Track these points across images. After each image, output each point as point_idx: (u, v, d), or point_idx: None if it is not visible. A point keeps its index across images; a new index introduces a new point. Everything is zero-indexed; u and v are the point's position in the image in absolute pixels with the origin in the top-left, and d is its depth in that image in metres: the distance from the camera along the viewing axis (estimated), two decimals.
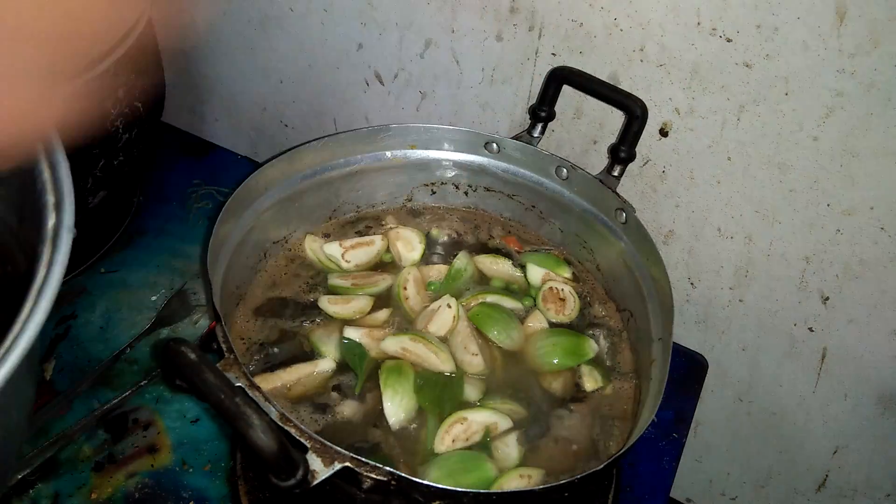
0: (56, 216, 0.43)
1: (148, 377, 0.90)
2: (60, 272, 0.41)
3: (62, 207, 0.44)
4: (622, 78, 0.89)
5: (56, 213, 0.44)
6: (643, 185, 0.97)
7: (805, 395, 1.05)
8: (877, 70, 0.75)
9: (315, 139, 0.87)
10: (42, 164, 0.45)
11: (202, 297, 1.02)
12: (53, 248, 0.42)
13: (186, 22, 1.17)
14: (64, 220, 0.43)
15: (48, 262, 0.41)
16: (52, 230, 0.43)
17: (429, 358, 0.80)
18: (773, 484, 1.18)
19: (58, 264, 0.41)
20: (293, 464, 0.56)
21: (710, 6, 0.79)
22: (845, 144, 0.81)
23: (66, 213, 0.44)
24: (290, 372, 0.79)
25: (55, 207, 0.44)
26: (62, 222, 0.43)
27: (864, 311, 0.93)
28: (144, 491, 0.83)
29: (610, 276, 0.91)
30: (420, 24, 0.97)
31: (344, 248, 0.91)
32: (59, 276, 0.41)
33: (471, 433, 0.75)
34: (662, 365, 0.74)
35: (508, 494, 0.63)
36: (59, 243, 0.42)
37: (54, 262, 0.41)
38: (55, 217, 0.43)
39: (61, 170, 0.45)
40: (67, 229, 0.43)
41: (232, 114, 1.26)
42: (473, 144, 0.93)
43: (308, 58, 1.10)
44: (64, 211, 0.44)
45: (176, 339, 0.54)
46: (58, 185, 0.45)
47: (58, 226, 0.43)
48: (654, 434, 0.93)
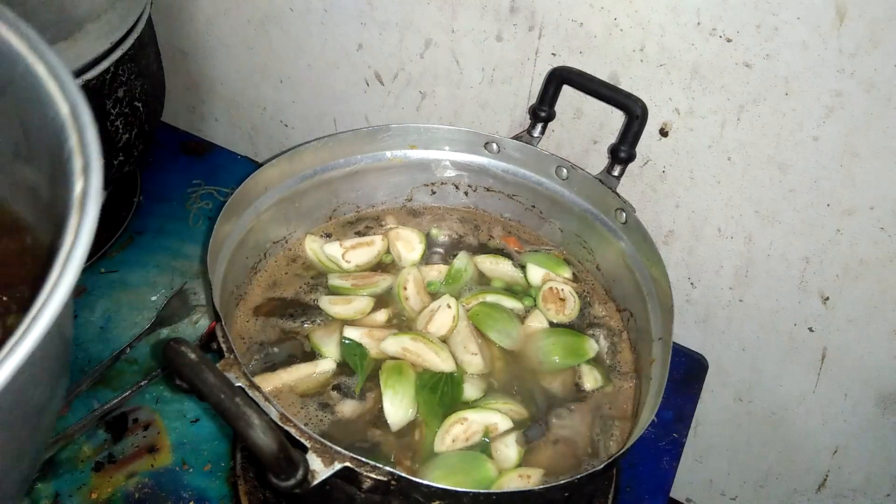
0: (84, 180, 0.41)
1: (148, 377, 0.90)
2: (89, 237, 0.39)
3: (90, 171, 0.42)
4: (622, 78, 0.89)
5: (84, 176, 0.42)
6: (643, 185, 0.97)
7: (805, 395, 1.05)
8: (877, 70, 0.75)
9: (315, 139, 0.87)
10: (69, 129, 0.44)
11: (202, 297, 1.02)
12: (81, 213, 0.40)
13: (186, 21, 1.17)
14: (91, 183, 0.41)
15: (76, 228, 0.39)
16: (80, 194, 0.41)
17: (429, 358, 0.80)
18: (773, 484, 1.18)
19: (86, 229, 0.39)
20: (293, 464, 0.56)
21: (710, 6, 0.79)
22: (845, 144, 0.81)
23: (93, 177, 0.42)
24: (291, 372, 0.79)
25: (83, 171, 0.42)
26: (90, 186, 0.41)
27: (864, 311, 0.93)
28: (144, 491, 0.83)
29: (610, 276, 0.91)
30: (420, 24, 0.97)
31: (344, 248, 0.91)
32: (87, 241, 0.39)
33: (471, 433, 0.75)
34: (662, 365, 0.74)
35: (508, 494, 0.63)
36: (86, 208, 0.40)
37: (82, 227, 0.39)
38: (83, 181, 0.41)
39: (88, 133, 0.43)
40: (95, 193, 0.41)
41: (232, 114, 1.26)
42: (473, 144, 0.93)
43: (308, 58, 1.10)
44: (91, 174, 0.42)
45: (176, 339, 0.55)
46: (85, 149, 0.43)
47: (85, 190, 0.41)
48: (654, 434, 0.93)
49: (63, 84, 0.45)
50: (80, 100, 0.45)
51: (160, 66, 1.10)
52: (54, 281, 0.37)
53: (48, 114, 0.45)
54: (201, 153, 1.24)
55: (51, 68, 0.46)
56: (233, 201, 0.79)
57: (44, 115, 0.45)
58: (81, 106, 0.44)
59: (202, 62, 1.21)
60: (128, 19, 0.92)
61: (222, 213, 0.77)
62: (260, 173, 0.83)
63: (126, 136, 0.96)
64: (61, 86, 0.45)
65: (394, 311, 0.86)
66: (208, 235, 0.78)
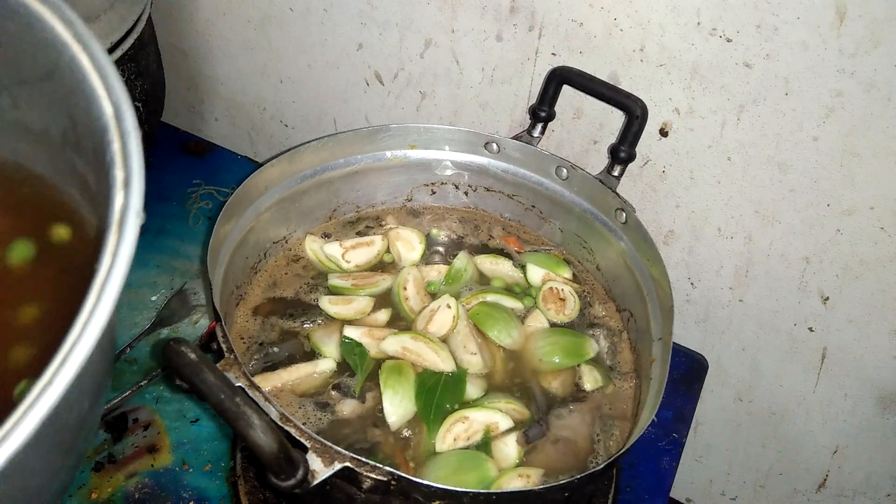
0: (124, 195, 0.39)
1: (148, 377, 0.90)
2: (127, 260, 0.37)
3: (131, 186, 0.40)
4: (622, 78, 0.89)
5: (125, 191, 0.39)
6: (643, 185, 0.97)
7: (805, 395, 1.05)
8: (877, 70, 0.75)
9: (315, 139, 0.87)
10: (112, 132, 0.41)
11: (202, 297, 1.02)
12: (120, 233, 0.38)
13: (186, 21, 1.17)
14: (132, 201, 0.39)
15: (114, 249, 0.37)
16: (120, 212, 0.39)
17: (429, 357, 0.80)
18: (773, 484, 1.18)
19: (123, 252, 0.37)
20: (293, 464, 0.56)
21: (710, 6, 0.79)
22: (845, 144, 0.81)
23: (133, 193, 0.39)
24: (291, 372, 0.79)
25: (124, 185, 0.39)
26: (129, 204, 0.39)
27: (864, 311, 0.93)
28: (144, 491, 0.83)
29: (610, 276, 0.91)
30: (420, 24, 0.97)
31: (344, 248, 0.91)
32: (125, 264, 0.37)
33: (472, 432, 0.75)
34: (662, 365, 0.74)
35: (508, 494, 0.63)
36: (125, 228, 0.38)
37: (119, 249, 0.37)
38: (123, 196, 0.39)
39: (131, 142, 0.41)
40: (135, 212, 0.39)
41: (232, 114, 1.26)
42: (473, 144, 0.93)
43: (308, 58, 1.10)
44: (132, 190, 0.39)
45: (176, 339, 0.54)
46: (127, 159, 0.40)
47: (125, 207, 0.39)
48: (654, 434, 0.93)
49: (108, 82, 0.43)
50: (125, 101, 0.42)
51: (160, 66, 1.10)
52: (92, 304, 0.36)
53: (93, 110, 0.43)
54: (201, 153, 1.24)
55: (96, 62, 0.43)
56: (233, 201, 0.79)
57: (89, 109, 0.43)
58: (125, 108, 0.42)
59: (202, 62, 1.21)
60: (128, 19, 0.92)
61: (222, 213, 0.77)
62: (260, 173, 0.83)
63: None
64: (106, 83, 0.43)
65: (394, 312, 0.86)
66: (208, 235, 0.78)
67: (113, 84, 0.43)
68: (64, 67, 0.44)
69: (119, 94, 0.42)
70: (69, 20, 0.44)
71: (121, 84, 0.43)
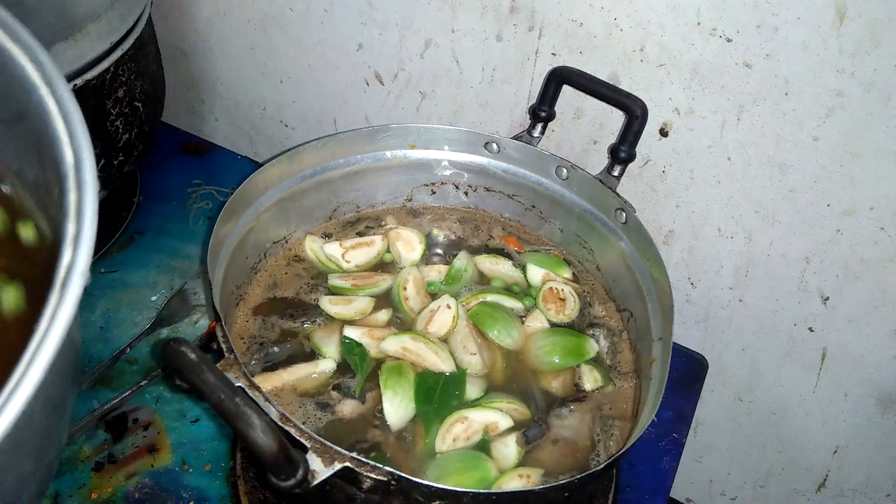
0: (71, 254, 0.37)
1: (148, 377, 0.90)
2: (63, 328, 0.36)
3: (79, 242, 0.38)
4: (622, 78, 0.89)
5: (72, 248, 0.37)
6: (643, 185, 0.97)
7: (805, 395, 1.05)
8: (877, 70, 0.75)
9: (315, 139, 0.87)
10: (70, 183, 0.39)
11: (202, 297, 1.02)
12: (62, 291, 0.36)
13: (186, 21, 1.17)
14: (77, 261, 0.37)
15: (51, 315, 0.36)
16: (64, 271, 0.37)
17: (429, 358, 0.80)
18: (773, 484, 1.18)
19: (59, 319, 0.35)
20: (293, 464, 0.56)
21: (710, 6, 0.79)
22: (845, 144, 0.81)
23: (81, 253, 0.37)
24: (291, 372, 0.79)
25: (73, 241, 0.37)
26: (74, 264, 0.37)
27: (864, 311, 0.93)
28: (144, 491, 0.83)
29: (610, 276, 0.91)
30: (420, 24, 0.97)
31: (344, 248, 0.91)
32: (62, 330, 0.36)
33: (471, 432, 0.75)
34: (662, 365, 0.74)
35: (508, 494, 0.63)
36: (67, 287, 0.36)
37: (58, 309, 0.36)
38: (70, 255, 0.37)
39: (87, 196, 0.39)
40: (80, 273, 0.37)
41: (232, 114, 1.26)
42: (473, 144, 0.93)
43: (308, 58, 1.10)
44: (79, 251, 0.37)
45: (176, 339, 0.54)
46: (80, 215, 0.38)
47: (70, 268, 0.37)
48: (654, 434, 0.93)
49: (71, 127, 0.41)
50: (87, 151, 0.41)
51: (160, 66, 1.10)
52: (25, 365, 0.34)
53: (56, 156, 0.41)
54: (201, 153, 1.24)
55: (62, 106, 0.42)
56: (233, 201, 0.79)
57: (53, 155, 0.41)
58: (86, 158, 0.40)
59: (202, 62, 1.21)
60: (128, 19, 0.92)
61: (222, 213, 0.77)
62: (260, 173, 0.83)
63: (126, 136, 0.96)
64: (69, 129, 0.41)
65: (394, 312, 0.86)
66: (208, 235, 0.78)
67: (76, 130, 0.41)
68: (32, 110, 0.43)
69: (81, 142, 0.41)
70: (39, 62, 0.43)
71: (84, 132, 0.41)
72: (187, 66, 1.23)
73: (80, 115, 0.42)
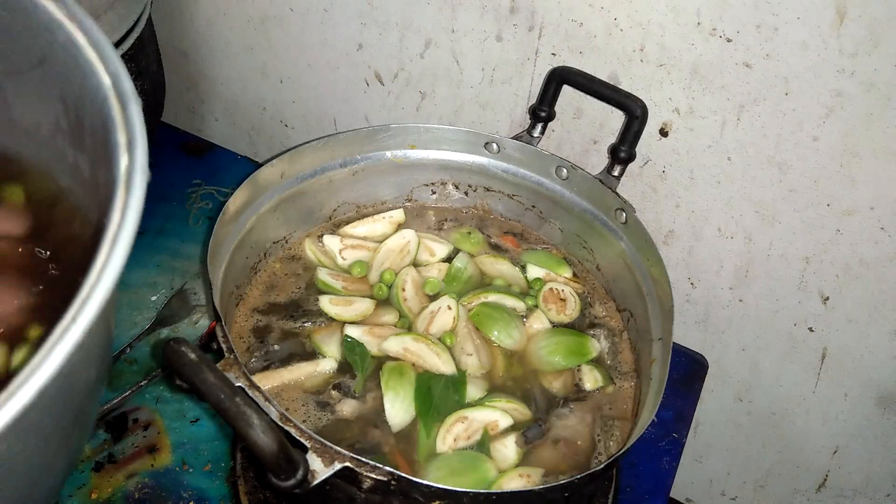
0: (129, 156, 0.40)
1: (148, 377, 0.90)
2: (137, 214, 0.38)
3: (134, 146, 0.40)
4: (622, 78, 0.89)
5: (128, 152, 0.40)
6: (643, 185, 0.97)
7: (805, 395, 1.05)
8: (877, 70, 0.75)
9: (315, 139, 0.87)
10: (112, 101, 0.42)
11: (202, 297, 1.02)
12: (128, 190, 0.39)
13: (186, 21, 1.17)
14: (137, 159, 0.40)
15: (122, 206, 0.38)
16: (126, 171, 0.39)
17: (430, 359, 0.80)
18: (773, 484, 1.18)
19: (133, 207, 0.38)
20: (293, 464, 0.56)
21: (710, 6, 0.79)
22: (845, 144, 0.81)
23: (138, 152, 0.40)
24: (291, 371, 0.79)
25: (127, 147, 0.40)
26: (135, 162, 0.40)
27: (864, 311, 0.93)
28: (144, 491, 0.83)
29: (610, 276, 0.91)
30: (420, 24, 0.97)
31: (343, 244, 0.91)
32: (135, 218, 0.38)
33: (472, 431, 0.75)
34: (662, 365, 0.74)
35: (508, 494, 0.63)
36: (133, 185, 0.39)
37: (128, 205, 0.38)
38: (128, 157, 0.40)
39: (132, 106, 0.42)
40: (142, 169, 0.39)
41: (232, 114, 1.26)
42: (473, 144, 0.93)
43: (308, 58, 1.10)
44: (136, 150, 0.40)
45: (176, 339, 0.55)
46: (129, 123, 0.41)
47: (131, 166, 0.39)
48: (654, 434, 0.93)
49: (104, 54, 0.43)
50: (122, 70, 0.43)
51: (160, 66, 1.10)
52: (104, 260, 0.36)
53: (89, 85, 0.43)
54: (201, 153, 1.24)
55: (91, 38, 0.44)
56: (233, 201, 0.79)
57: (84, 86, 0.43)
58: (123, 77, 0.43)
59: (202, 62, 1.21)
60: (128, 19, 0.92)
61: (222, 213, 0.77)
62: (260, 173, 0.83)
63: None
64: (102, 56, 0.43)
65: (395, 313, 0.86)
66: (208, 235, 0.78)
67: (110, 56, 0.43)
68: (58, 49, 0.45)
69: (116, 65, 0.43)
70: (64, 2, 0.45)
71: (117, 56, 0.43)
72: (187, 66, 1.23)
73: (110, 42, 0.44)
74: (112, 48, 0.44)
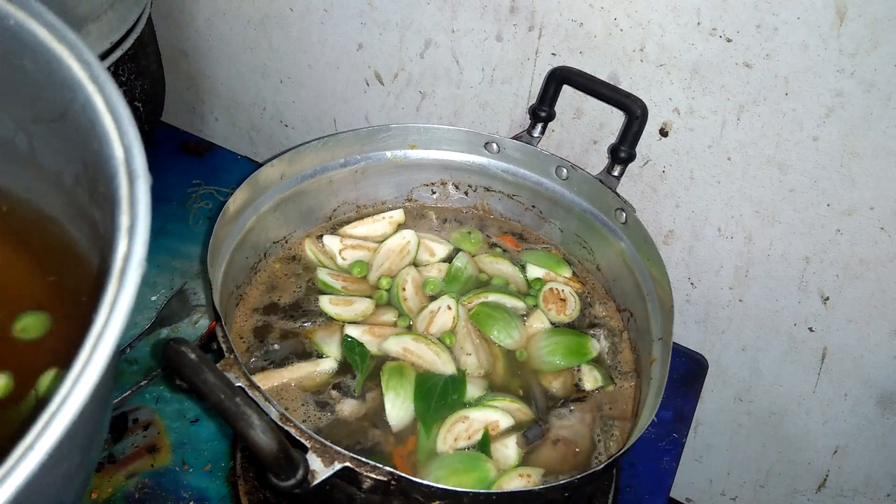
0: (127, 245, 0.39)
1: (148, 377, 0.90)
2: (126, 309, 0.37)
3: (134, 233, 0.39)
4: (622, 78, 0.89)
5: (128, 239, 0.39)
6: (643, 185, 0.97)
7: (805, 395, 1.05)
8: (877, 70, 0.75)
9: (315, 139, 0.87)
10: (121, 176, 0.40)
11: (202, 297, 1.02)
12: (120, 282, 0.37)
13: (186, 21, 1.17)
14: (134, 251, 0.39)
15: (112, 300, 0.37)
16: (121, 262, 0.38)
17: (430, 359, 0.80)
18: (773, 484, 1.18)
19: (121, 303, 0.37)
20: (293, 464, 0.56)
21: (710, 6, 0.79)
22: (845, 144, 0.81)
23: (137, 241, 0.39)
24: (291, 371, 0.79)
25: (128, 232, 0.39)
26: (131, 254, 0.38)
27: (864, 311, 0.93)
28: (144, 491, 0.83)
29: (610, 275, 0.91)
30: (420, 24, 0.97)
31: (343, 245, 0.91)
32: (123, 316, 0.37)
33: (472, 431, 0.75)
34: (662, 365, 0.74)
35: (508, 494, 0.63)
36: (125, 277, 0.37)
37: (118, 300, 0.37)
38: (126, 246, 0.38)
39: (139, 187, 0.40)
40: (137, 261, 0.38)
41: (232, 114, 1.26)
42: (473, 144, 0.93)
43: (308, 58, 1.10)
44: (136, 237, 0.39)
45: (176, 339, 0.55)
46: (134, 205, 0.40)
47: (127, 258, 0.38)
48: (654, 434, 0.93)
49: (121, 125, 0.42)
50: (137, 144, 0.41)
51: (160, 66, 1.10)
52: (87, 353, 0.35)
53: (104, 153, 0.42)
54: (201, 153, 1.24)
55: (110, 104, 0.43)
56: (233, 201, 0.79)
57: (100, 152, 0.42)
58: (136, 152, 0.41)
59: (202, 62, 1.21)
60: (128, 19, 0.92)
61: (222, 213, 0.77)
62: (260, 173, 0.83)
63: None
64: (118, 125, 0.42)
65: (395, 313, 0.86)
66: (208, 235, 0.78)
67: (126, 128, 0.42)
68: (78, 108, 0.44)
69: (131, 138, 0.42)
70: (87, 61, 0.44)
71: (133, 128, 0.42)
72: (187, 66, 1.23)
73: (128, 112, 0.43)
74: (129, 118, 0.43)
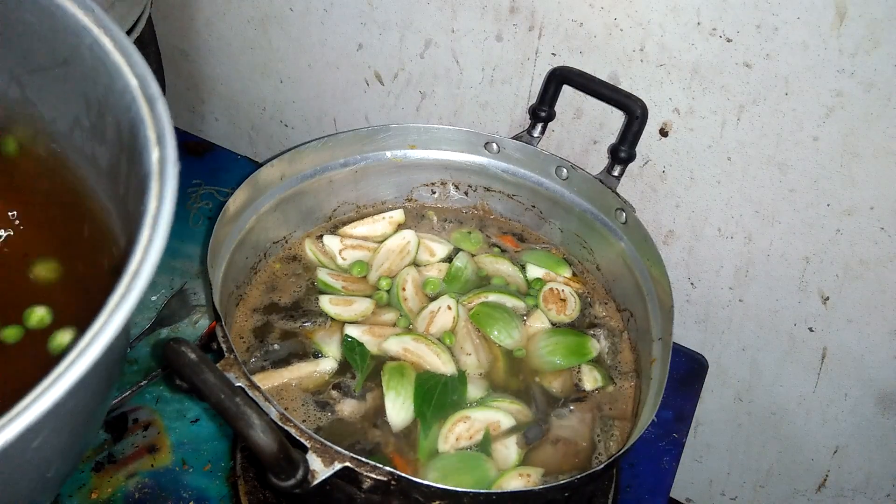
0: (160, 149, 0.42)
1: (148, 377, 0.90)
2: (173, 200, 0.40)
3: (164, 140, 0.43)
4: (622, 78, 0.89)
5: (159, 146, 0.43)
6: (643, 185, 0.97)
7: (805, 395, 1.05)
8: (877, 70, 0.75)
9: (315, 139, 0.87)
10: (139, 101, 0.45)
11: (202, 297, 1.02)
12: (161, 178, 0.41)
13: (186, 21, 1.17)
14: (168, 151, 0.42)
15: (158, 193, 0.40)
16: (158, 162, 0.42)
17: (430, 359, 0.80)
18: (773, 484, 1.18)
19: (168, 194, 0.40)
20: (293, 464, 0.56)
21: (710, 6, 0.79)
22: (845, 144, 0.81)
23: (168, 145, 0.43)
24: (291, 371, 0.79)
25: (157, 141, 0.43)
26: (166, 153, 0.42)
27: (864, 311, 0.93)
28: (144, 491, 0.83)
29: (610, 275, 0.91)
30: (420, 24, 0.97)
31: (343, 245, 0.91)
32: (171, 204, 0.40)
33: (473, 431, 0.75)
34: (662, 365, 0.74)
35: (508, 494, 0.63)
36: (166, 173, 0.41)
37: (164, 192, 0.40)
38: (159, 150, 0.42)
39: (159, 105, 0.45)
40: (173, 160, 0.42)
41: (232, 114, 1.26)
42: (473, 144, 0.93)
43: (308, 58, 1.10)
44: (166, 143, 0.43)
45: (176, 339, 0.55)
46: (157, 120, 0.44)
47: (163, 157, 0.42)
48: (654, 434, 0.93)
49: (131, 59, 0.47)
50: (149, 73, 0.46)
51: (160, 67, 1.10)
52: (146, 241, 0.39)
53: (117, 85, 0.46)
54: (201, 153, 1.24)
55: (118, 43, 0.47)
56: (233, 201, 0.79)
57: (111, 87, 0.47)
58: (150, 79, 0.46)
59: (202, 62, 1.21)
60: (128, 19, 0.92)
61: (222, 213, 0.77)
62: (260, 173, 0.83)
63: None
64: (129, 60, 0.47)
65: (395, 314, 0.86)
66: (208, 235, 0.78)
67: (136, 60, 0.47)
68: (84, 51, 0.48)
69: (142, 67, 0.47)
70: (89, 7, 0.48)
71: (143, 60, 0.47)
72: (187, 66, 1.23)
73: (135, 47, 0.48)
74: (138, 53, 0.47)
